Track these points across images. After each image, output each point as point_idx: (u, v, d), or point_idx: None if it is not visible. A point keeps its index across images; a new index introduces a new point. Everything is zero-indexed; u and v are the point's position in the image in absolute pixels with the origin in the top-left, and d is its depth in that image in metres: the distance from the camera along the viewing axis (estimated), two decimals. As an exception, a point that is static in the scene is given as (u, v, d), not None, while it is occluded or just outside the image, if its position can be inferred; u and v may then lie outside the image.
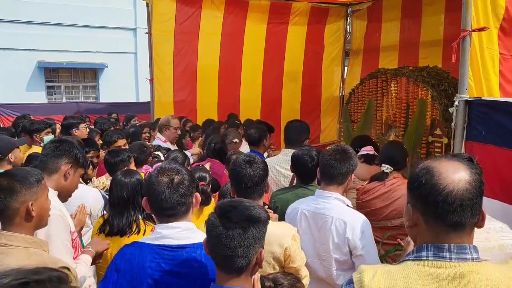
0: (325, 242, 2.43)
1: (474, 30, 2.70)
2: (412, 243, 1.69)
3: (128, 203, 2.47)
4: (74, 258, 2.22)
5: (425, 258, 1.21)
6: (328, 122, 8.09)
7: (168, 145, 4.92)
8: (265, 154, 4.35)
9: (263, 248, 1.54)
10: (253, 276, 1.57)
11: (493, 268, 1.19)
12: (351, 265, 2.40)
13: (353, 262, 2.38)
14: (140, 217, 2.48)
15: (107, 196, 3.01)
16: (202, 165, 3.57)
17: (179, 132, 5.22)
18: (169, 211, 1.71)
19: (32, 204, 1.80)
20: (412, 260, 1.23)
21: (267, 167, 2.29)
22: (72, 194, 2.42)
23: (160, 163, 2.73)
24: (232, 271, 1.47)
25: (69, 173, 2.30)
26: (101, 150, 4.11)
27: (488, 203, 2.66)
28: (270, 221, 1.61)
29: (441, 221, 1.21)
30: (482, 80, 2.83)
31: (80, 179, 2.61)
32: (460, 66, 2.76)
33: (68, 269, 1.75)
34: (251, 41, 7.19)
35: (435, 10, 6.16)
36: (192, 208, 1.80)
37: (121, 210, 2.46)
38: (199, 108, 7.30)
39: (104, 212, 2.82)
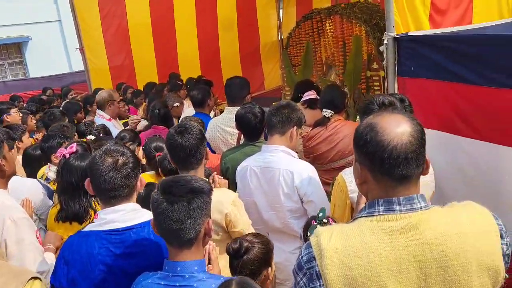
0: (276, 194, 2.52)
1: (394, -35, 2.71)
2: (363, 197, 1.76)
3: (77, 188, 2.37)
4: None
5: (377, 214, 1.24)
6: (270, 67, 8.08)
7: (113, 122, 4.67)
8: (212, 113, 4.32)
9: (210, 217, 1.57)
10: (205, 247, 1.62)
11: (441, 213, 1.24)
12: (304, 212, 2.51)
13: (305, 209, 2.50)
14: (95, 201, 2.38)
15: (48, 185, 2.91)
16: (157, 134, 3.47)
17: (121, 105, 4.96)
18: (111, 193, 1.70)
19: None
20: (365, 216, 1.26)
21: (203, 134, 2.28)
22: (8, 187, 2.34)
23: (75, 144, 2.60)
24: (182, 244, 1.50)
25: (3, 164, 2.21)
26: (36, 134, 3.93)
27: (427, 134, 2.82)
28: None
29: (388, 176, 1.23)
30: (407, 15, 2.88)
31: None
32: (385, 3, 2.79)
33: (39, 279, 1.74)
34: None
35: None
36: (136, 191, 1.80)
37: (71, 196, 2.38)
38: (137, 71, 7.06)
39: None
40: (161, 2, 6.82)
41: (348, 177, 2.26)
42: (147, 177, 3.13)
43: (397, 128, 1.23)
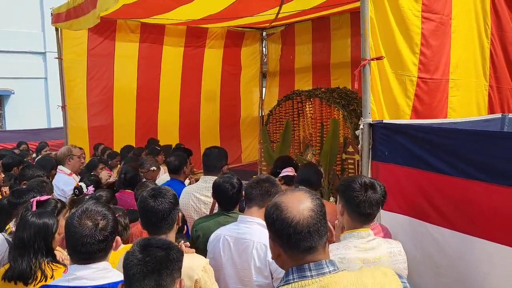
0: (246, 267, 2.46)
1: (372, 59, 2.92)
2: None
3: (28, 246, 2.19)
4: None
5: (292, 281, 1.36)
6: (249, 141, 8.25)
7: (73, 177, 4.63)
8: (187, 181, 4.31)
9: (181, 277, 1.54)
10: None
11: (349, 275, 1.37)
12: (273, 289, 2.45)
13: (274, 286, 2.43)
14: (45, 261, 2.19)
15: (10, 240, 2.77)
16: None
17: (82, 160, 4.99)
18: (86, 255, 1.69)
19: None
20: (282, 285, 1.38)
21: (176, 199, 2.28)
22: None
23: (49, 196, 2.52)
24: None
25: None
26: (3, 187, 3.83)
27: (397, 219, 2.89)
28: None
29: (296, 249, 1.38)
30: (382, 104, 3.06)
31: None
32: (362, 92, 2.96)
33: None
34: (168, 64, 7.19)
35: (342, 35, 6.62)
36: (111, 252, 1.79)
37: (20, 253, 2.20)
38: (116, 132, 7.09)
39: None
40: (149, 71, 7.07)
41: None
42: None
43: (299, 205, 1.39)
